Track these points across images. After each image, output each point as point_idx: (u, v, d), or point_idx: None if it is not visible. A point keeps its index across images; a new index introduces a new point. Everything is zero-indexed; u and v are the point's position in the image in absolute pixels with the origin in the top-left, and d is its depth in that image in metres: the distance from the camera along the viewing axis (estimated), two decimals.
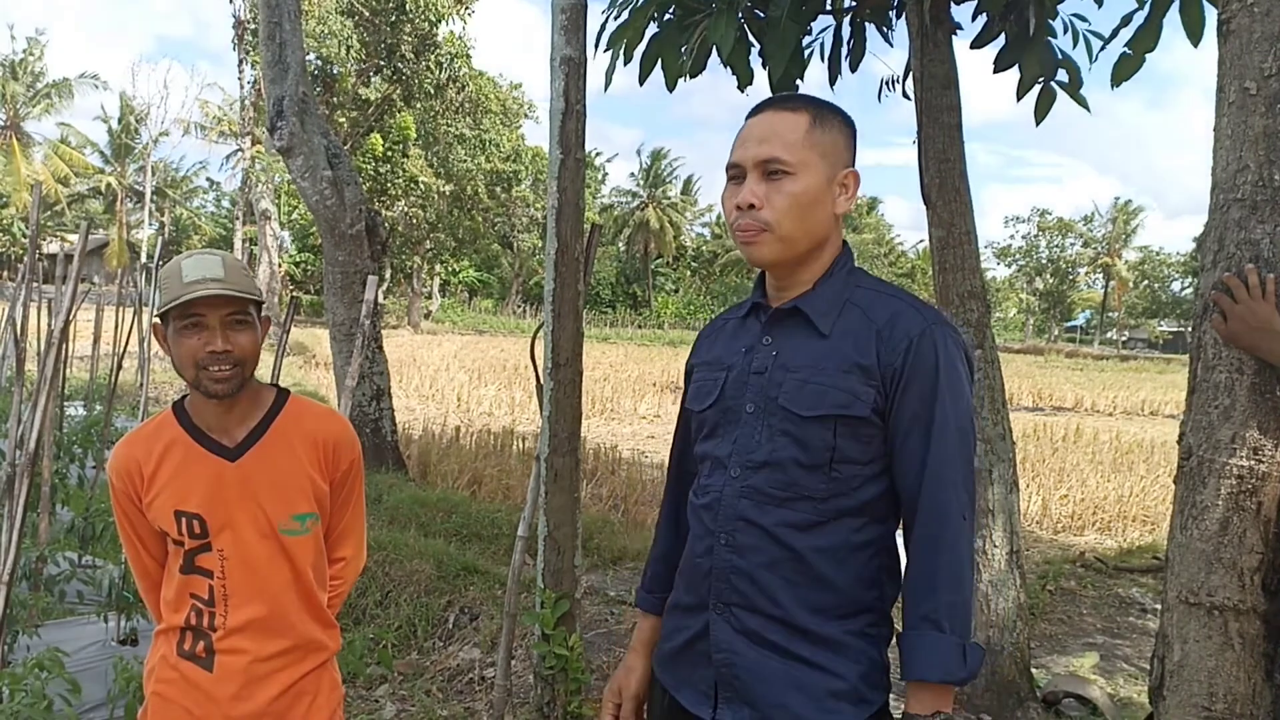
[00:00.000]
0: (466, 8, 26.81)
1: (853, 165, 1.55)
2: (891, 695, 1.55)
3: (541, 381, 3.39)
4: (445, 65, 27.13)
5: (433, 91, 27.69)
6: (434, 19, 25.69)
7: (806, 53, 3.94)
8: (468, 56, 27.97)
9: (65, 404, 7.57)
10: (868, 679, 1.48)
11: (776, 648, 1.47)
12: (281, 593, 1.78)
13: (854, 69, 4.02)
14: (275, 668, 1.78)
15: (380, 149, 27.69)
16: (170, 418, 1.79)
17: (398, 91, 27.54)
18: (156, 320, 1.73)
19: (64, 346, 3.54)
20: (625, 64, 3.73)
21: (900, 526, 1.55)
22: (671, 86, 3.75)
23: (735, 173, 1.52)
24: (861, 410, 1.44)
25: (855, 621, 1.48)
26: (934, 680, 1.41)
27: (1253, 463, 1.97)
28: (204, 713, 1.76)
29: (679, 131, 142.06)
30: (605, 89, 3.23)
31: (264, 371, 1.82)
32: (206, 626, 1.76)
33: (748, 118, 1.55)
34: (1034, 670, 3.89)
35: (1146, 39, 3.37)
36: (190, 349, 1.65)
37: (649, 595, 1.80)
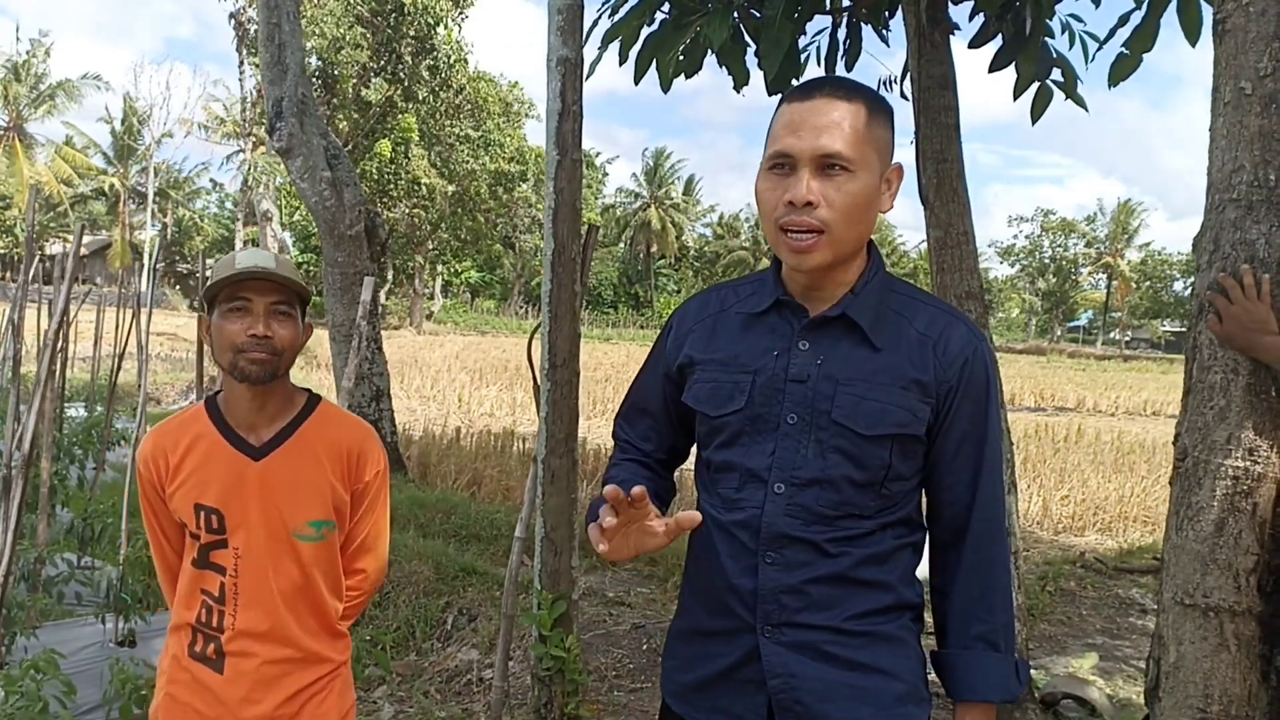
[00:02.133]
0: (462, 11, 26.86)
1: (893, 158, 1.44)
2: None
3: (539, 382, 3.39)
4: (443, 69, 27.16)
5: (428, 95, 27.72)
6: (432, 21, 25.72)
7: (803, 54, 3.94)
8: (464, 60, 28.00)
9: (66, 405, 7.58)
10: (921, 675, 1.47)
11: (835, 659, 1.41)
12: (286, 599, 1.78)
13: (849, 69, 4.02)
14: (285, 671, 1.79)
15: (388, 153, 27.73)
16: (201, 412, 1.81)
17: (398, 92, 27.58)
18: (201, 313, 1.74)
19: (62, 347, 3.54)
20: (621, 64, 3.73)
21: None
22: (666, 87, 3.75)
23: (784, 162, 1.36)
24: (918, 429, 1.40)
25: (903, 617, 1.47)
26: (997, 700, 1.42)
27: (1248, 464, 1.96)
28: (214, 714, 1.77)
29: (684, 133, 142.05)
30: (586, 78, 3.23)
31: None
32: (215, 626, 1.77)
33: (792, 100, 1.38)
34: (1033, 671, 3.89)
35: (1144, 39, 3.38)
36: (232, 333, 1.68)
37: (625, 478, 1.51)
